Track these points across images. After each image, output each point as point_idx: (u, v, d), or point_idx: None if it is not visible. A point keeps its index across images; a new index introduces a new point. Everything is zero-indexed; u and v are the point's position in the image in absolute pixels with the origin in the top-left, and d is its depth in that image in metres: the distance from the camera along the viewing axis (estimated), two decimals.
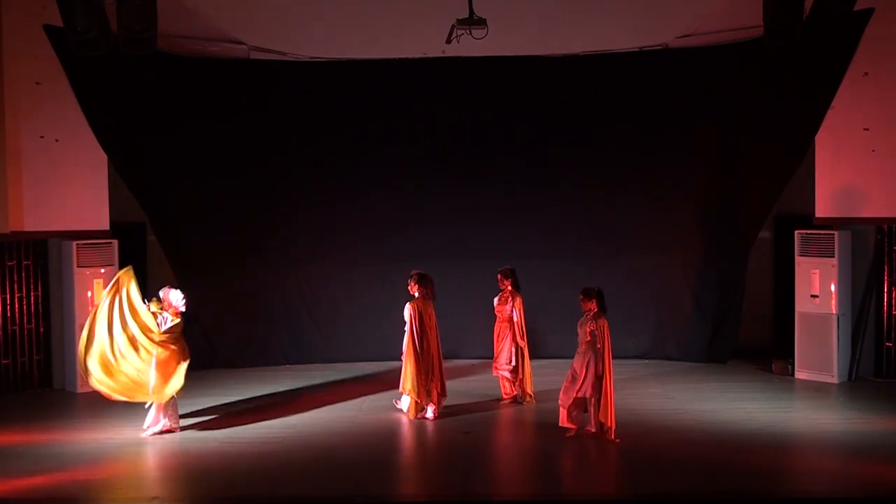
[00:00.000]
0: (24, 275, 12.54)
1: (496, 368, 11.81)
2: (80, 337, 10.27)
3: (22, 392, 12.40)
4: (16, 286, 12.48)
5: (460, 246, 14.03)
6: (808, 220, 12.91)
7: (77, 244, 12.56)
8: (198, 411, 11.24)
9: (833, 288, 12.49)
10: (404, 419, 11.02)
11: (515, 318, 11.60)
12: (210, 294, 13.81)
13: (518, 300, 11.65)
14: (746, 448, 9.67)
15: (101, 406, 10.32)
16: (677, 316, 14.04)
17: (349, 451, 9.87)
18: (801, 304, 12.78)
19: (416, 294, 11.09)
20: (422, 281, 11.10)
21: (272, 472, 9.16)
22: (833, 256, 12.48)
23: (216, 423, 10.82)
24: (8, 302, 12.39)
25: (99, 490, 8.75)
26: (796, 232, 12.85)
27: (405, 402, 11.16)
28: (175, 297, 10.53)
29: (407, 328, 11.01)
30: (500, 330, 11.73)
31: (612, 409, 9.94)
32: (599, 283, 13.96)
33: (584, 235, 14.12)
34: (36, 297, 12.66)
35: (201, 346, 13.77)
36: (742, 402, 11.50)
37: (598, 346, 10.01)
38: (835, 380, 12.46)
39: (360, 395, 11.97)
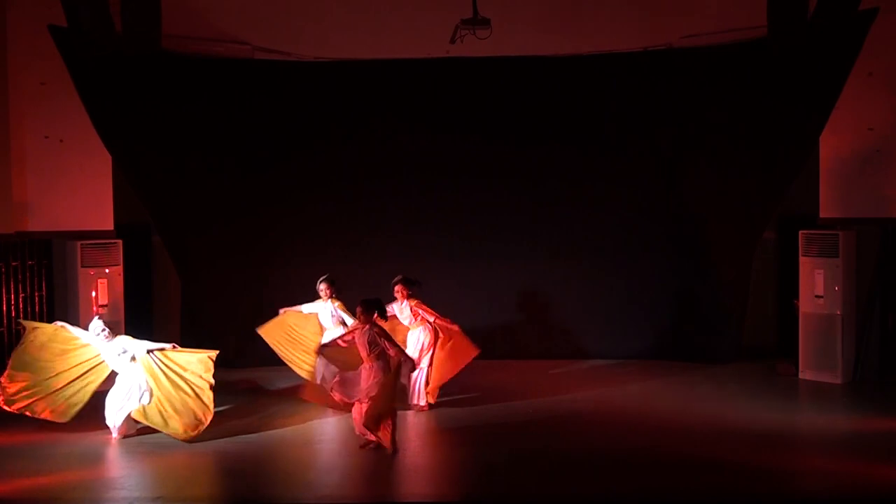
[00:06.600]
0: (28, 275, 12.57)
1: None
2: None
3: None
4: (20, 286, 12.51)
5: (463, 246, 14.04)
6: (813, 221, 12.89)
7: (81, 244, 12.58)
8: None
9: (837, 288, 12.46)
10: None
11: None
12: (213, 294, 13.87)
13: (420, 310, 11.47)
14: (749, 448, 9.63)
15: (100, 406, 10.32)
16: (680, 316, 14.00)
17: (349, 451, 9.86)
18: (806, 305, 12.74)
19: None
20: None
21: (271, 473, 9.17)
22: (837, 257, 12.43)
23: (216, 423, 10.80)
24: (12, 302, 12.44)
25: (99, 490, 8.75)
26: (801, 232, 12.81)
27: None
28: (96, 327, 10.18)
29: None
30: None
31: (392, 421, 9.62)
32: (601, 283, 14.13)
33: (586, 235, 14.10)
34: (40, 298, 12.69)
35: (203, 346, 13.78)
36: (744, 402, 11.47)
37: (383, 359, 9.70)
38: (839, 380, 12.42)
39: None
